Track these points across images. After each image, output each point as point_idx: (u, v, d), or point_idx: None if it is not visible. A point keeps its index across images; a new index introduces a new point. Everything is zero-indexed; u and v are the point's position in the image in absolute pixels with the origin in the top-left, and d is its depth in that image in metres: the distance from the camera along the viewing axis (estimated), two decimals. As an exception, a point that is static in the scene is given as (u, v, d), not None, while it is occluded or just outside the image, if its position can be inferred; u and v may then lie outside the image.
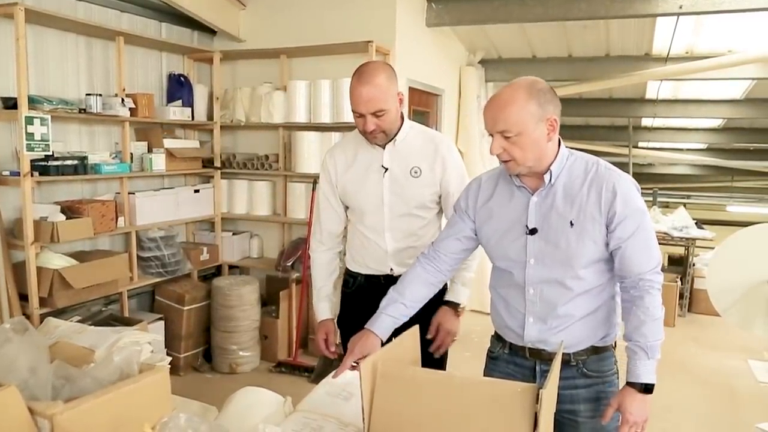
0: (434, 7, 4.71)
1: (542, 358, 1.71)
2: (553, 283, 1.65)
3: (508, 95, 1.57)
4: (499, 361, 1.82)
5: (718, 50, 5.34)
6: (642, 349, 1.58)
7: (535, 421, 1.32)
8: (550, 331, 1.68)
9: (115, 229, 3.70)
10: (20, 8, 3.03)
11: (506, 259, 1.73)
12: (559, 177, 1.64)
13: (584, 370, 1.70)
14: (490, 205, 1.76)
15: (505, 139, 1.57)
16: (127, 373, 1.45)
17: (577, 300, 1.66)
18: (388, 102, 1.99)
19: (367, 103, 1.97)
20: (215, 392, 3.62)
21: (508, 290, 1.75)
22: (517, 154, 1.58)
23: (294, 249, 4.37)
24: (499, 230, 1.73)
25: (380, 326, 1.76)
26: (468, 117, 5.58)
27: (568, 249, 1.61)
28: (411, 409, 1.39)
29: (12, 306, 3.14)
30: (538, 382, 1.70)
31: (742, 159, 9.02)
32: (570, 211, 1.61)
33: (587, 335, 1.69)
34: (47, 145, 3.20)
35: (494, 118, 1.58)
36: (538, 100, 1.55)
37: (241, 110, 4.49)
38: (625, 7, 4.17)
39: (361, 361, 1.49)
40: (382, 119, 2.00)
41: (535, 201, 1.66)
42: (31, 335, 1.57)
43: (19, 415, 1.16)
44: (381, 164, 2.13)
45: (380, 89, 1.97)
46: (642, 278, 1.59)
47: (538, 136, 1.57)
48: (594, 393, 1.70)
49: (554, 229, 1.63)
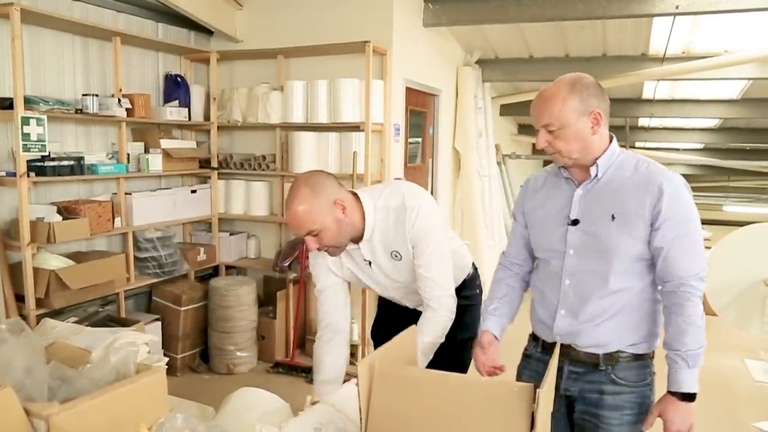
0: (431, 8, 4.70)
1: (571, 358, 1.71)
2: (590, 276, 1.66)
3: (552, 91, 1.62)
4: (531, 359, 1.84)
5: (714, 50, 5.35)
6: (683, 358, 1.56)
7: (532, 420, 1.32)
8: (580, 325, 1.67)
9: (111, 229, 3.69)
10: (16, 8, 3.02)
11: (546, 249, 1.77)
12: (606, 172, 1.65)
13: (613, 376, 1.66)
14: (538, 196, 1.82)
15: (549, 132, 1.63)
16: (124, 374, 1.45)
17: (612, 297, 1.64)
18: (318, 220, 1.83)
19: (296, 227, 1.86)
20: (212, 393, 3.62)
21: (544, 281, 1.79)
22: (562, 147, 1.63)
23: (291, 249, 4.36)
24: (542, 219, 1.78)
25: (490, 324, 1.88)
26: (465, 117, 5.58)
27: (607, 242, 1.62)
28: (408, 408, 1.39)
29: (8, 307, 3.13)
30: (564, 383, 1.72)
31: (738, 159, 9.04)
32: (613, 205, 1.62)
33: (618, 337, 1.66)
34: (43, 146, 3.19)
35: (538, 113, 1.64)
36: (580, 94, 1.59)
37: (238, 110, 4.49)
38: (622, 8, 4.17)
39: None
40: (320, 237, 1.86)
41: (580, 193, 1.68)
42: (28, 336, 1.56)
43: (15, 416, 1.15)
44: (363, 258, 2.05)
45: (305, 211, 1.81)
46: (683, 284, 1.57)
47: (582, 129, 1.61)
48: (620, 401, 1.66)
49: (595, 222, 1.64)
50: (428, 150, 5.25)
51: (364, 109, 4.05)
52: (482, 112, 5.95)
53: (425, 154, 5.21)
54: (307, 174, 1.95)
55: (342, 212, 1.88)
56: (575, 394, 1.72)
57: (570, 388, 1.72)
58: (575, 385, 1.71)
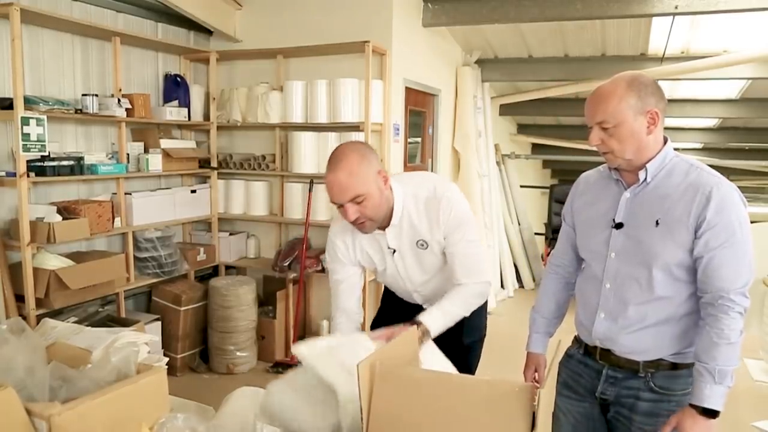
0: (431, 8, 4.71)
1: (611, 362, 1.68)
2: (630, 281, 1.62)
3: (609, 87, 1.57)
4: (572, 359, 1.83)
5: (713, 50, 5.36)
6: (709, 372, 1.49)
7: (533, 420, 1.32)
8: (619, 330, 1.64)
9: (111, 229, 3.69)
10: (16, 8, 3.02)
11: (588, 251, 1.75)
12: (657, 176, 1.60)
13: (652, 384, 1.63)
14: (586, 196, 1.79)
15: (603, 130, 1.58)
16: (125, 374, 1.45)
17: (653, 304, 1.60)
18: (365, 186, 1.81)
19: (340, 192, 1.81)
20: (212, 393, 3.63)
21: (586, 284, 1.77)
22: (615, 146, 1.58)
23: (291, 249, 4.37)
24: (588, 220, 1.75)
25: (535, 345, 1.94)
26: (464, 117, 5.59)
27: (649, 248, 1.58)
28: (409, 408, 1.40)
29: (8, 307, 3.13)
30: (601, 386, 1.71)
31: (737, 158, 9.04)
32: (659, 210, 1.58)
33: (658, 345, 1.62)
34: (43, 146, 3.19)
35: (593, 110, 1.59)
36: (638, 92, 1.54)
37: (238, 110, 4.49)
38: (621, 8, 4.18)
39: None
40: (363, 205, 1.83)
41: (627, 197, 1.64)
42: (28, 336, 1.56)
43: (17, 416, 1.15)
44: (387, 245, 2.03)
45: (352, 174, 1.78)
46: (723, 296, 1.50)
47: (637, 129, 1.55)
48: (656, 409, 1.62)
49: (639, 226, 1.60)
50: (427, 150, 5.25)
51: (364, 109, 4.05)
52: (481, 112, 5.96)
53: (425, 154, 5.21)
54: (351, 142, 1.94)
55: (384, 184, 1.87)
56: (610, 398, 1.70)
57: (606, 392, 1.70)
58: (612, 389, 1.69)
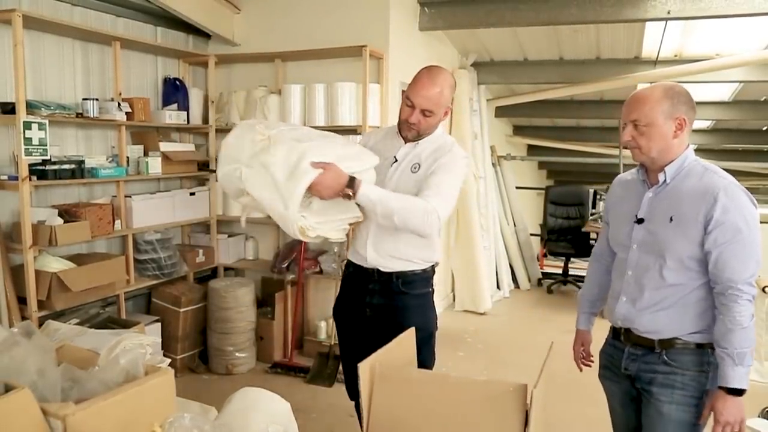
0: (427, 12, 4.76)
1: (632, 340, 1.89)
2: (647, 270, 1.83)
3: (647, 92, 1.79)
4: (607, 344, 2.06)
5: (706, 53, 5.43)
6: (729, 356, 1.68)
7: (526, 419, 1.37)
8: (637, 312, 1.86)
9: (112, 231, 3.72)
10: (18, 14, 3.05)
11: (616, 243, 1.98)
12: (675, 178, 1.80)
13: (665, 358, 1.81)
14: (618, 195, 2.03)
15: (635, 127, 1.79)
16: (133, 375, 1.50)
17: (667, 290, 1.80)
18: (439, 107, 2.17)
19: (424, 99, 2.13)
20: (212, 393, 3.67)
21: (614, 272, 2.01)
22: (643, 143, 1.79)
23: (289, 251, 4.41)
24: (618, 216, 1.98)
25: (582, 323, 2.21)
26: (461, 119, 5.64)
27: (663, 241, 1.78)
28: (408, 408, 1.45)
29: (11, 309, 3.16)
30: (623, 362, 1.91)
31: (730, 160, 9.11)
32: (673, 208, 1.78)
33: (672, 326, 1.80)
34: (45, 150, 3.22)
35: (630, 109, 1.81)
36: (672, 100, 1.75)
37: (236, 113, 4.52)
38: (614, 12, 4.24)
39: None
40: (426, 119, 2.17)
41: (650, 196, 1.85)
42: (38, 339, 1.61)
43: (33, 417, 1.20)
44: (395, 156, 2.28)
45: (439, 94, 2.14)
46: (731, 287, 1.69)
47: (666, 131, 1.76)
48: (671, 381, 1.80)
49: (657, 222, 1.81)
50: (424, 152, 5.29)
51: (361, 112, 4.10)
52: (477, 114, 6.01)
53: (421, 156, 5.25)
54: (448, 72, 2.26)
55: (444, 116, 2.24)
56: (633, 373, 1.89)
57: (629, 367, 1.90)
58: (633, 365, 1.89)
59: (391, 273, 2.27)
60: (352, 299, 2.40)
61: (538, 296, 6.54)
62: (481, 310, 5.66)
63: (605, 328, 2.08)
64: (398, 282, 2.27)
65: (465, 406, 1.42)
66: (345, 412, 3.50)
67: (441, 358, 2.47)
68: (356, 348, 2.31)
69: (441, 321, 2.50)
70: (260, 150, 2.03)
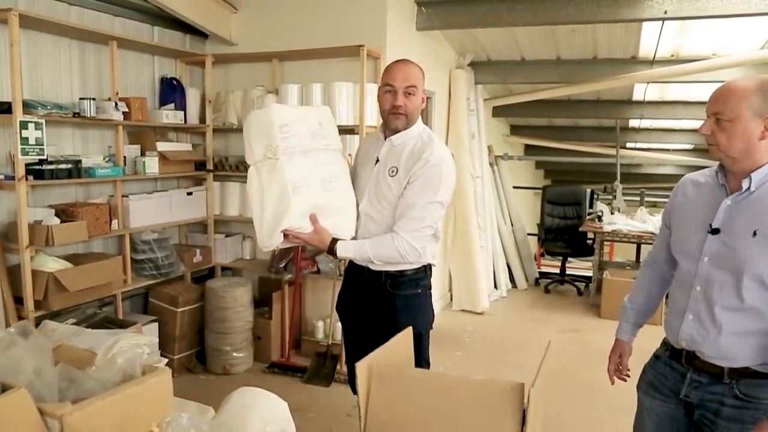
0: (424, 11, 4.76)
1: (695, 366, 1.67)
2: (720, 287, 1.60)
3: (738, 83, 1.57)
4: (659, 361, 1.83)
5: (703, 53, 5.45)
6: None
7: (523, 418, 1.38)
8: (706, 334, 1.63)
9: (109, 231, 3.72)
10: (14, 14, 3.05)
11: (681, 252, 1.74)
12: (762, 186, 1.57)
13: (736, 391, 1.60)
14: (687, 197, 1.78)
15: (716, 122, 1.58)
16: (130, 375, 1.50)
17: (741, 313, 1.58)
18: (419, 83, 2.23)
19: (403, 78, 2.19)
20: (209, 393, 3.66)
21: (677, 285, 1.77)
22: (723, 140, 1.57)
23: (286, 251, 4.40)
24: (685, 221, 1.74)
25: (623, 332, 2.00)
26: (458, 118, 5.65)
27: (743, 257, 1.55)
28: (406, 407, 1.45)
29: (7, 309, 3.16)
30: (685, 389, 1.70)
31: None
32: (759, 221, 1.55)
33: (745, 354, 1.59)
34: (42, 150, 3.22)
35: (715, 99, 1.60)
36: (764, 96, 1.52)
37: (234, 113, 4.52)
38: (612, 12, 4.25)
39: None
40: (410, 99, 2.20)
41: (728, 203, 1.62)
42: (35, 338, 1.60)
43: (30, 416, 1.20)
44: (377, 156, 2.30)
45: (416, 71, 2.23)
46: None
47: (751, 130, 1.53)
48: (741, 416, 1.60)
49: (736, 234, 1.58)
50: (422, 152, 5.29)
51: (359, 111, 4.10)
52: (475, 114, 6.01)
53: (419, 155, 5.25)
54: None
55: (422, 102, 2.27)
56: (695, 401, 1.69)
57: (690, 395, 1.70)
58: (696, 393, 1.68)
59: (380, 272, 2.29)
60: (351, 294, 2.46)
61: (536, 296, 6.54)
62: (478, 309, 5.67)
63: (607, 328, 2.02)
64: (386, 282, 2.29)
65: (463, 405, 1.42)
66: (342, 411, 3.51)
67: (438, 357, 2.48)
68: (357, 342, 2.37)
69: (438, 320, 2.51)
70: (267, 162, 2.17)
